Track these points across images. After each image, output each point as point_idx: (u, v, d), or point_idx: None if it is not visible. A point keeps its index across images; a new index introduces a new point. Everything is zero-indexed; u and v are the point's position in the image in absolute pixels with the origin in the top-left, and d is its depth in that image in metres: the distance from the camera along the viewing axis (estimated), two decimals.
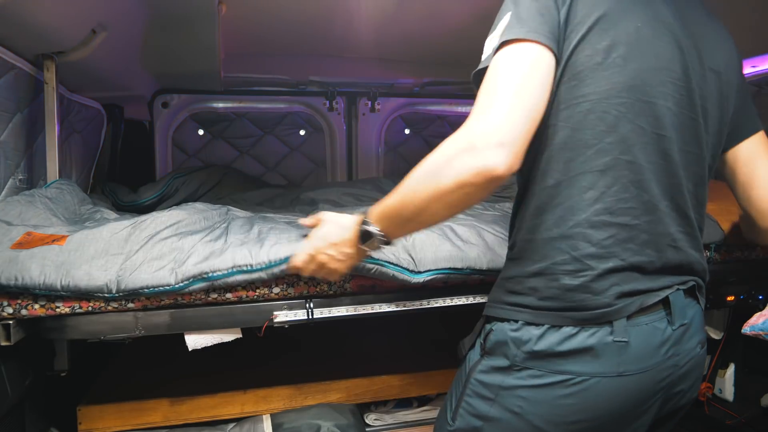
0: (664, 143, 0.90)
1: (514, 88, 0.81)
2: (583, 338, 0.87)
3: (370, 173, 3.05)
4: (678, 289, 0.93)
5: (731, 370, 2.02)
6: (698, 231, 0.99)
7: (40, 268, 1.10)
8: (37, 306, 1.12)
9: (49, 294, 1.11)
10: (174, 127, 2.83)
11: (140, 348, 1.88)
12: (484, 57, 0.88)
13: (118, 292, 1.13)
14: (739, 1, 1.73)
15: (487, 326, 0.97)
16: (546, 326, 0.89)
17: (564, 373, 0.87)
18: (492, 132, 0.78)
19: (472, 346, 1.00)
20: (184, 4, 1.68)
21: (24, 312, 1.12)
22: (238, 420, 1.58)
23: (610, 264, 0.88)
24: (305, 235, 1.19)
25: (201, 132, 2.89)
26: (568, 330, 0.87)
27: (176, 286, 1.14)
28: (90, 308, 1.15)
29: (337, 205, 2.25)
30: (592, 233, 0.88)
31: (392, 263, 1.26)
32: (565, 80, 0.88)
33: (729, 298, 1.64)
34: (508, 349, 0.91)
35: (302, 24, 2.08)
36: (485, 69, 0.85)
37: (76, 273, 1.11)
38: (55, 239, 1.17)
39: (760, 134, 1.09)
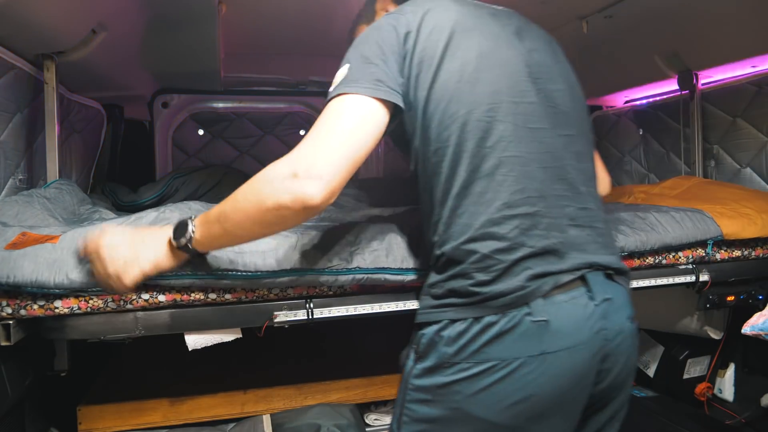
0: (537, 133, 0.99)
1: (342, 136, 0.93)
2: (504, 324, 0.91)
3: (369, 173, 3.05)
4: (594, 271, 0.97)
5: (731, 370, 2.02)
6: (594, 203, 1.05)
7: (33, 265, 1.09)
8: (36, 306, 1.12)
9: (40, 291, 1.11)
10: (174, 127, 2.83)
11: (140, 348, 1.88)
12: (331, 89, 1.00)
13: None
14: (739, 2, 1.73)
15: (419, 333, 1.02)
16: (469, 320, 0.93)
17: (490, 361, 0.91)
18: (316, 167, 0.89)
19: (408, 355, 1.04)
20: (184, 4, 1.68)
21: (23, 312, 1.12)
22: (238, 420, 1.58)
23: (519, 254, 0.93)
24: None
25: (201, 132, 2.89)
26: (489, 319, 0.92)
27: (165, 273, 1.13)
28: (89, 308, 1.15)
29: (336, 206, 2.25)
30: (497, 230, 0.94)
31: (381, 267, 1.26)
32: (434, 105, 0.98)
33: (729, 298, 1.64)
34: (437, 349, 0.96)
35: (302, 24, 2.08)
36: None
37: (69, 270, 1.11)
38: (48, 239, 1.17)
39: None
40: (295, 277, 1.21)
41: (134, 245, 1.03)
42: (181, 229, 1.01)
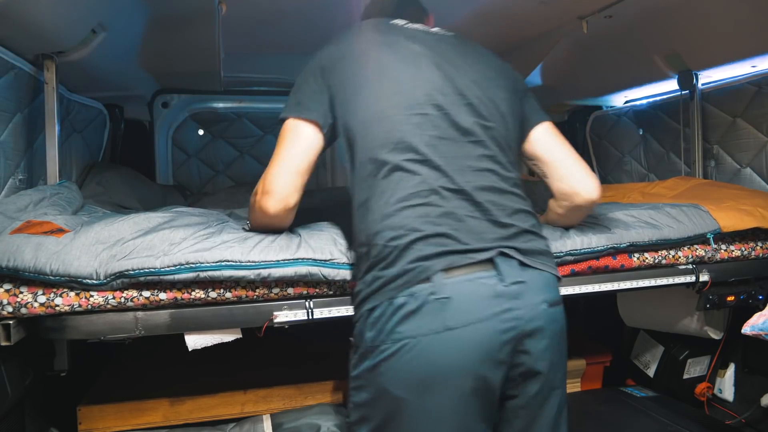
0: (432, 139, 1.10)
1: (282, 155, 1.18)
2: (411, 303, 0.99)
3: None
4: (501, 254, 1.05)
5: (731, 370, 2.02)
6: (490, 206, 1.10)
7: (34, 252, 1.11)
8: (36, 304, 1.12)
9: (37, 278, 1.11)
10: (174, 127, 2.82)
11: (140, 348, 1.88)
12: (282, 115, 1.21)
13: (105, 277, 1.13)
14: (739, 2, 1.73)
15: (354, 328, 1.11)
16: (384, 304, 1.02)
17: (402, 339, 0.99)
18: (265, 185, 1.17)
19: (351, 350, 1.11)
20: (184, 4, 1.68)
21: (23, 311, 1.12)
22: (238, 420, 1.58)
23: (410, 237, 1.03)
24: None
25: (201, 132, 2.89)
26: (399, 300, 1.00)
27: (162, 269, 1.14)
28: (89, 306, 1.15)
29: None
30: (390, 221, 1.05)
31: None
32: (355, 125, 1.14)
33: (729, 298, 1.64)
34: (364, 337, 1.05)
35: (302, 24, 2.08)
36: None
37: (67, 258, 1.12)
38: (53, 230, 1.18)
39: (547, 123, 1.30)
40: (295, 268, 1.21)
41: None
42: None
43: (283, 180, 1.15)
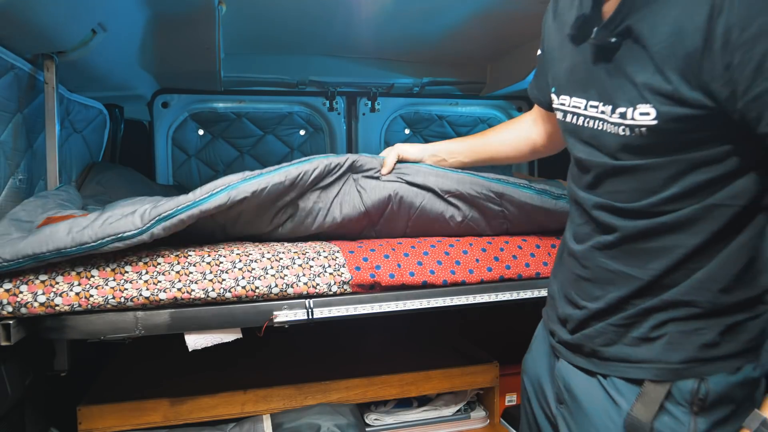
0: None
1: None
2: None
3: None
4: None
5: None
6: None
7: (68, 230, 1.13)
8: (36, 304, 1.12)
9: (79, 251, 1.12)
10: (174, 127, 2.83)
11: (140, 348, 1.88)
12: None
13: (145, 223, 1.16)
14: None
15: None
16: None
17: None
18: None
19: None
20: (184, 4, 1.68)
21: (23, 311, 1.12)
22: (238, 420, 1.58)
23: None
24: None
25: (201, 132, 2.89)
26: None
27: (196, 200, 1.21)
28: (89, 306, 1.15)
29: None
30: None
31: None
32: None
33: None
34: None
35: (302, 24, 2.08)
36: None
37: (102, 225, 1.15)
38: (75, 217, 1.22)
39: None
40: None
41: None
42: None
43: None
